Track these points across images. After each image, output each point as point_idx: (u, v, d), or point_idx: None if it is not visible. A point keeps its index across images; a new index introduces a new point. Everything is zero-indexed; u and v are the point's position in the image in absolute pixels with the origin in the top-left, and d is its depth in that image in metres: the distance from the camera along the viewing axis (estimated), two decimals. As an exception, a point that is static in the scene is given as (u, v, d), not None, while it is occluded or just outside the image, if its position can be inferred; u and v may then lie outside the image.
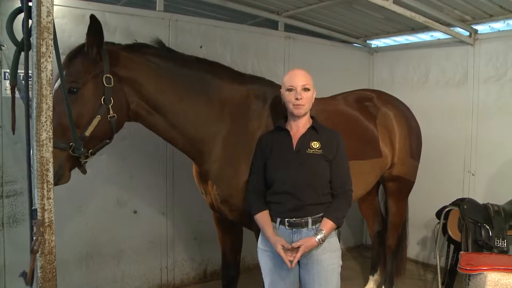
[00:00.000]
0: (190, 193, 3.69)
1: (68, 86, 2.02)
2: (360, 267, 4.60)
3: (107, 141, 2.23)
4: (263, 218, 2.21)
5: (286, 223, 2.16)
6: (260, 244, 2.29)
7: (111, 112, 2.15)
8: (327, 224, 2.14)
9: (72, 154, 2.04)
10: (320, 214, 2.17)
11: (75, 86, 2.07)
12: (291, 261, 2.07)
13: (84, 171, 2.17)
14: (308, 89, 2.21)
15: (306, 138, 2.24)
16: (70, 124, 1.92)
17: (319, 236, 2.10)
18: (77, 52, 2.15)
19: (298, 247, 2.06)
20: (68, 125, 1.95)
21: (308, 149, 2.20)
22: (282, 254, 2.07)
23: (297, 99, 2.18)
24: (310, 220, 2.15)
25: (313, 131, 2.26)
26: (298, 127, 2.27)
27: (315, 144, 2.21)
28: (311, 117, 2.33)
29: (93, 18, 2.07)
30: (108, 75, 2.14)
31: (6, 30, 1.70)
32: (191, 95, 2.41)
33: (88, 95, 2.11)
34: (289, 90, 2.21)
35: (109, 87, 2.13)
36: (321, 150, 2.20)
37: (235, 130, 2.50)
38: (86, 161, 2.14)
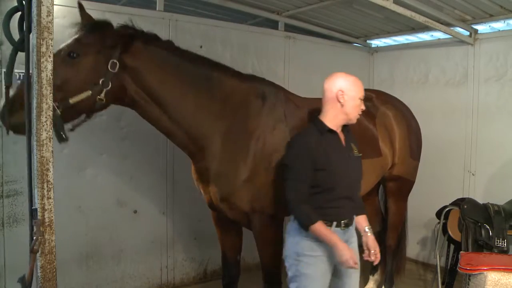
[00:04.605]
0: (190, 193, 3.68)
1: (71, 49, 2.06)
2: (360, 267, 4.57)
3: (86, 117, 2.21)
4: (322, 226, 2.11)
5: (343, 225, 2.22)
6: (307, 251, 2.17)
7: (102, 95, 2.14)
8: (366, 219, 2.35)
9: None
10: None
11: (77, 52, 2.08)
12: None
13: (63, 138, 1.99)
14: None
15: (347, 140, 2.27)
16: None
17: (371, 232, 2.31)
18: (96, 28, 2.17)
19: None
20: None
21: (354, 151, 2.27)
22: (352, 259, 2.10)
23: (362, 110, 2.24)
24: (354, 218, 2.30)
25: (347, 134, 2.31)
26: (339, 130, 2.27)
27: (354, 147, 2.29)
28: None
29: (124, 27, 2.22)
30: (114, 61, 2.14)
31: (3, 30, 1.68)
32: (195, 90, 2.42)
33: (87, 68, 2.10)
34: (359, 99, 2.21)
35: (112, 72, 2.14)
36: (358, 151, 2.29)
37: (235, 128, 2.51)
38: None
